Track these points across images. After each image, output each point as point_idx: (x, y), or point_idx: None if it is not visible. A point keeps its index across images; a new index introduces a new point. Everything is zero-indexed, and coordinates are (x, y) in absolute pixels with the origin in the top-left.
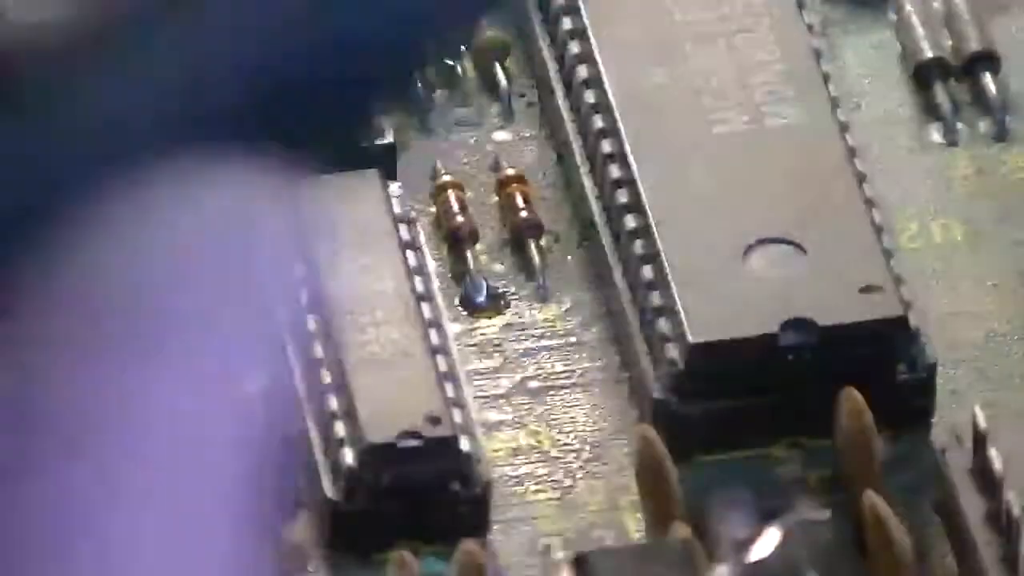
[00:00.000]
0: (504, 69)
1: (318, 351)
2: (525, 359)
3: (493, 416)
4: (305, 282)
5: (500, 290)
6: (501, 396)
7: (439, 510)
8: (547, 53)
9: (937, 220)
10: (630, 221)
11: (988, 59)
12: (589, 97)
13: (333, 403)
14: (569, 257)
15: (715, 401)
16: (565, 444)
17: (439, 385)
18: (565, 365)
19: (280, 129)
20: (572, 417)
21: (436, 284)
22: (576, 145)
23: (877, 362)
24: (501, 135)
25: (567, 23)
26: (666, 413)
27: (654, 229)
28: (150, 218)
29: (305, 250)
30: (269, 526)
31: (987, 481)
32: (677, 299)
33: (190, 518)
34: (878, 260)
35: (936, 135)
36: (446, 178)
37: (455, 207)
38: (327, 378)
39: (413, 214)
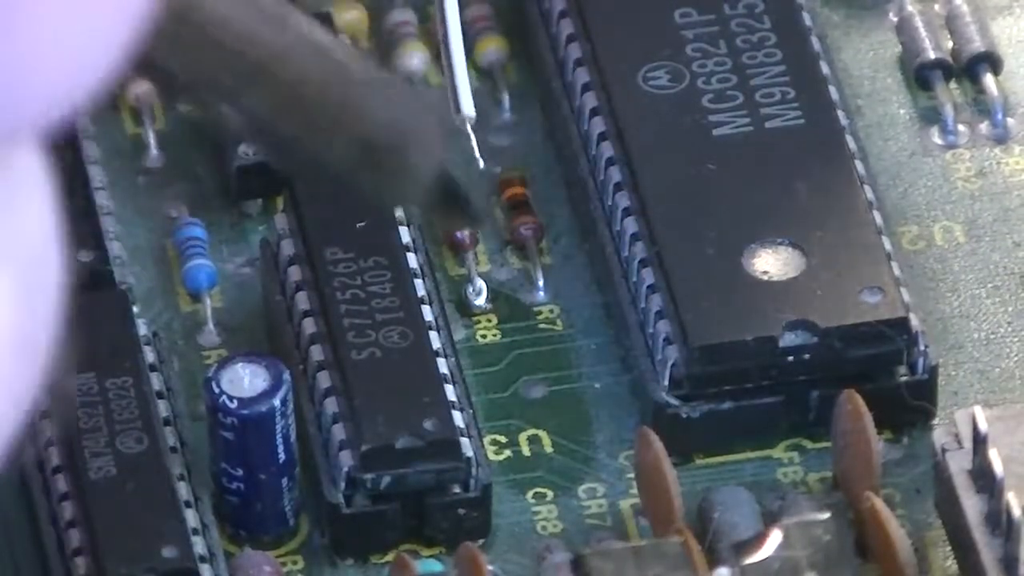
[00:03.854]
0: (504, 71)
1: (318, 353)
2: (525, 361)
3: (493, 418)
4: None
5: (500, 292)
6: (501, 398)
7: (439, 512)
8: (548, 56)
9: (938, 222)
10: (631, 224)
11: (989, 60)
12: (590, 100)
13: (333, 406)
14: (569, 259)
15: (715, 403)
16: (565, 446)
17: (439, 388)
18: (565, 367)
19: None
20: (572, 419)
21: (437, 286)
22: (577, 147)
23: (878, 364)
24: (501, 136)
25: (568, 26)
26: (666, 415)
27: (655, 231)
28: None
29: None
30: None
31: (987, 482)
32: (677, 302)
33: None
34: (879, 262)
35: (937, 137)
36: None
37: None
38: (327, 381)
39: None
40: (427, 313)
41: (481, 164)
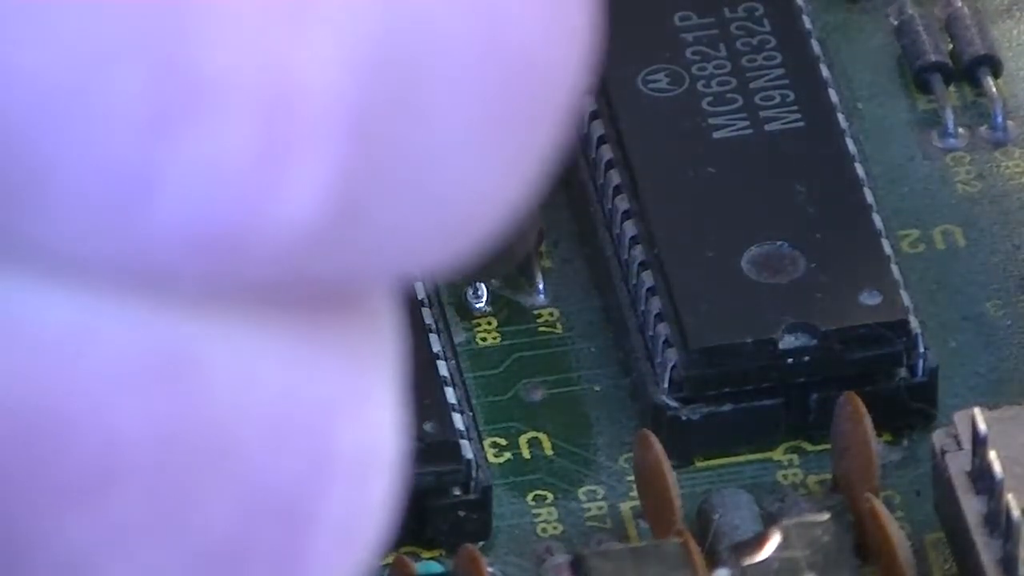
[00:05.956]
0: None
1: None
2: (525, 364)
3: (493, 421)
4: None
5: (500, 295)
6: (501, 401)
7: (439, 514)
8: None
9: (938, 225)
10: (630, 227)
11: (989, 63)
12: (589, 103)
13: None
14: (569, 263)
15: (715, 405)
16: (565, 448)
17: (439, 390)
18: (565, 370)
19: None
20: (572, 421)
21: (436, 289)
22: (576, 151)
23: (878, 366)
24: None
25: None
26: (666, 417)
27: (654, 234)
28: None
29: None
30: None
31: (986, 483)
32: (677, 304)
33: None
34: (879, 264)
35: (937, 140)
36: None
37: None
38: None
39: None
40: (427, 316)
41: None
